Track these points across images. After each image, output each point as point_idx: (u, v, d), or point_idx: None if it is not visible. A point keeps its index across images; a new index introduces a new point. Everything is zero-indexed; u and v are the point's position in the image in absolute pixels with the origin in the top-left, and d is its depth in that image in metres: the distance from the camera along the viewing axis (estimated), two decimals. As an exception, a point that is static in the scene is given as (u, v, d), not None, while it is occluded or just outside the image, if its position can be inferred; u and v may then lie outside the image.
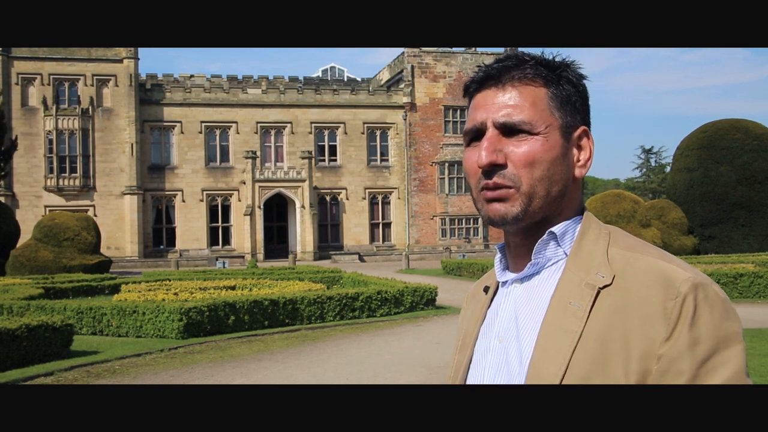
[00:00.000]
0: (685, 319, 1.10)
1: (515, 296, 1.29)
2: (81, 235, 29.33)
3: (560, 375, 1.15)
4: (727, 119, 34.13)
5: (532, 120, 1.23)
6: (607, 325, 1.15)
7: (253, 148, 46.84)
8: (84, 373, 10.11)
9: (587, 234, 1.27)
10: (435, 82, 49.67)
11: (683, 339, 1.10)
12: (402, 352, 11.23)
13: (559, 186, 1.24)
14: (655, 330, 1.11)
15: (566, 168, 1.26)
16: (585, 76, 1.31)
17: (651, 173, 77.29)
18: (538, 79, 1.26)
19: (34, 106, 44.60)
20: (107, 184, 45.19)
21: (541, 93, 1.25)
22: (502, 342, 1.26)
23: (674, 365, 1.10)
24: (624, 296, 1.16)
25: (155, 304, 13.59)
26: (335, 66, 62.23)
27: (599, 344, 1.14)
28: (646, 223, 30.22)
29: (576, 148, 1.28)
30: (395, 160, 49.67)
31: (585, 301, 1.18)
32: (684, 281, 1.13)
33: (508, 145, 1.24)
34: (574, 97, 1.28)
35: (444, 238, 48.62)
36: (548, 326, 1.20)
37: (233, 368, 10.24)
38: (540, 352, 1.19)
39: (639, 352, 1.12)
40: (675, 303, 1.12)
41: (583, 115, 1.30)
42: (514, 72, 1.26)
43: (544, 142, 1.23)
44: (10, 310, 13.97)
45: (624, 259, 1.20)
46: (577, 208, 1.30)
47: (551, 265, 1.26)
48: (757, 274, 17.72)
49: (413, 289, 16.48)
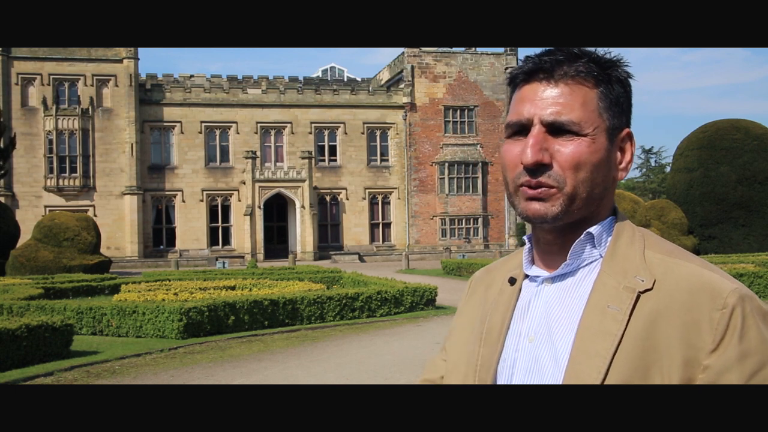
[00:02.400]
0: (734, 332, 1.10)
1: (546, 295, 1.26)
2: (81, 235, 29.33)
3: (600, 379, 1.13)
4: (727, 119, 34.14)
5: (581, 121, 1.21)
6: (648, 330, 1.13)
7: (253, 148, 46.84)
8: (84, 373, 10.11)
9: (622, 236, 1.25)
10: (435, 82, 49.67)
11: (732, 351, 1.09)
12: (402, 352, 11.23)
13: (600, 188, 1.23)
14: (700, 339, 1.10)
15: (609, 171, 1.24)
16: (632, 75, 1.29)
17: (651, 173, 77.31)
18: (590, 77, 1.23)
19: (34, 106, 44.59)
20: (107, 184, 45.19)
21: (592, 93, 1.23)
22: (533, 342, 1.24)
23: (723, 377, 1.09)
24: (666, 302, 1.14)
25: (155, 304, 13.59)
26: (335, 66, 62.23)
27: (640, 349, 1.13)
28: (646, 223, 30.22)
29: (619, 151, 1.26)
30: (395, 160, 49.67)
31: (625, 304, 1.16)
32: (731, 292, 1.12)
33: (554, 145, 1.21)
34: (622, 98, 1.26)
35: (444, 238, 48.62)
36: (586, 329, 1.17)
37: (233, 368, 10.24)
38: (578, 355, 1.16)
39: (681, 359, 1.10)
40: (722, 314, 1.11)
41: (628, 117, 1.28)
42: (567, 67, 1.23)
43: (590, 144, 1.21)
44: (10, 310, 13.96)
45: (664, 264, 1.19)
46: (611, 209, 1.29)
47: (585, 266, 1.24)
48: (757, 274, 17.74)
49: (413, 289, 16.48)
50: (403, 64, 49.93)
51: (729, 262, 22.83)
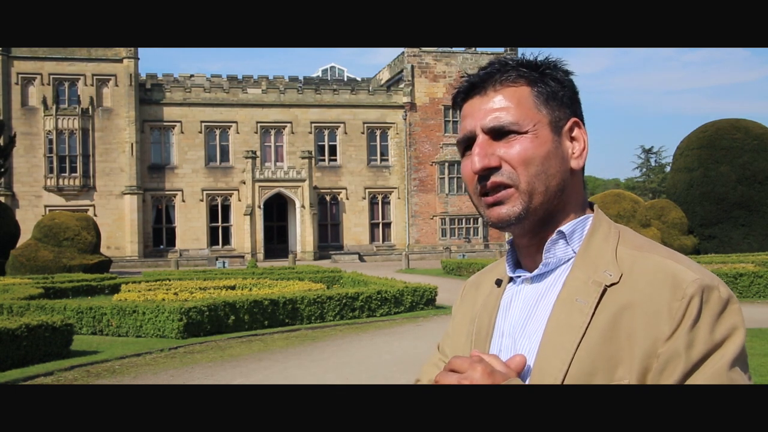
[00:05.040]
0: (688, 320, 1.11)
1: (525, 294, 1.29)
2: (81, 234, 29.34)
3: (564, 370, 1.15)
4: (727, 119, 34.15)
5: (519, 120, 1.24)
6: (613, 322, 1.15)
7: (253, 147, 46.85)
8: (84, 373, 10.11)
9: (597, 232, 1.27)
10: (435, 81, 49.69)
11: (682, 339, 1.11)
12: (402, 352, 11.23)
13: (556, 180, 1.25)
14: (659, 329, 1.12)
15: (561, 161, 1.26)
16: (571, 72, 1.31)
17: (651, 173, 77.32)
18: (521, 80, 1.27)
19: (34, 105, 44.60)
20: (107, 183, 45.20)
21: (525, 92, 1.26)
22: (512, 339, 1.27)
23: (670, 364, 1.11)
24: (630, 294, 1.16)
25: (155, 303, 13.59)
26: (335, 66, 62.23)
27: (604, 340, 1.15)
28: (646, 223, 30.23)
29: (569, 141, 1.28)
30: (395, 160, 49.68)
31: (591, 297, 1.18)
32: (691, 283, 1.14)
33: (500, 148, 1.24)
34: (560, 92, 1.28)
35: (444, 237, 48.63)
36: (553, 322, 1.20)
37: (233, 368, 10.24)
38: (545, 348, 1.19)
39: (642, 350, 1.13)
40: (680, 304, 1.12)
41: (573, 108, 1.29)
42: (497, 76, 1.28)
43: (534, 139, 1.24)
44: (10, 310, 13.96)
45: (631, 258, 1.21)
46: (581, 204, 1.31)
47: (563, 264, 1.27)
48: (757, 274, 17.72)
49: (413, 289, 16.48)
50: (403, 64, 49.94)
51: (729, 261, 22.83)
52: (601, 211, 1.31)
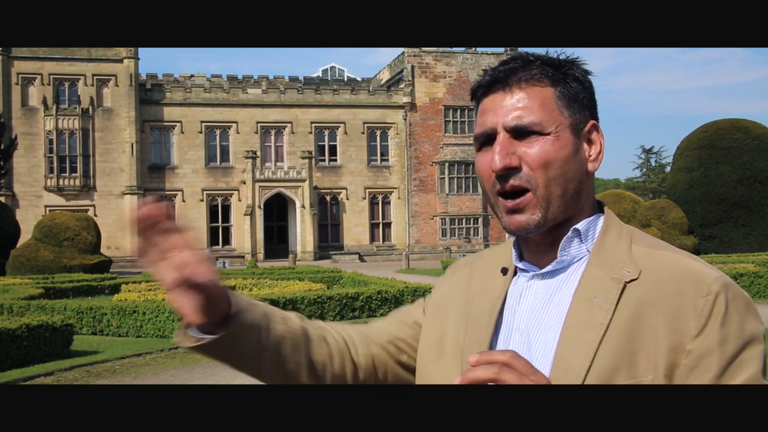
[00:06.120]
0: (717, 317, 1.13)
1: (537, 290, 1.28)
2: (81, 234, 29.34)
3: (586, 367, 1.15)
4: (727, 119, 34.16)
5: (542, 121, 1.23)
6: (634, 319, 1.16)
7: (253, 148, 46.85)
8: (84, 373, 10.11)
9: (609, 231, 1.28)
10: (435, 82, 49.69)
11: (714, 336, 1.12)
12: (402, 352, 11.22)
13: (574, 183, 1.25)
14: (685, 325, 1.13)
15: (579, 164, 1.26)
16: (590, 72, 1.32)
17: (651, 173, 77.35)
18: (545, 78, 1.26)
19: (34, 106, 44.62)
20: (107, 184, 45.21)
21: (549, 93, 1.26)
22: (523, 335, 1.26)
23: (703, 361, 1.11)
24: (651, 290, 1.17)
25: (155, 303, 13.59)
26: (335, 66, 62.26)
27: (626, 336, 1.15)
28: (646, 223, 30.23)
29: (587, 143, 1.28)
30: (395, 160, 49.69)
31: (611, 294, 1.18)
32: (715, 280, 1.15)
33: (521, 147, 1.24)
34: (581, 93, 1.28)
35: (444, 238, 48.63)
36: (573, 319, 1.20)
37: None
38: (565, 345, 1.18)
39: (667, 345, 1.13)
40: (706, 300, 1.14)
41: (591, 111, 1.30)
42: (521, 73, 1.27)
43: (555, 141, 1.23)
44: (10, 310, 13.96)
45: (648, 256, 1.22)
46: (593, 205, 1.32)
47: (575, 263, 1.27)
48: (757, 274, 17.74)
49: (413, 289, 16.48)
50: (404, 64, 49.95)
51: (729, 261, 22.82)
52: (611, 211, 1.32)
